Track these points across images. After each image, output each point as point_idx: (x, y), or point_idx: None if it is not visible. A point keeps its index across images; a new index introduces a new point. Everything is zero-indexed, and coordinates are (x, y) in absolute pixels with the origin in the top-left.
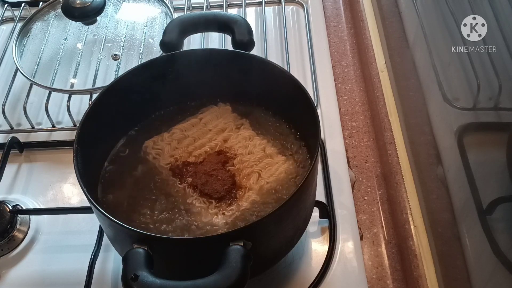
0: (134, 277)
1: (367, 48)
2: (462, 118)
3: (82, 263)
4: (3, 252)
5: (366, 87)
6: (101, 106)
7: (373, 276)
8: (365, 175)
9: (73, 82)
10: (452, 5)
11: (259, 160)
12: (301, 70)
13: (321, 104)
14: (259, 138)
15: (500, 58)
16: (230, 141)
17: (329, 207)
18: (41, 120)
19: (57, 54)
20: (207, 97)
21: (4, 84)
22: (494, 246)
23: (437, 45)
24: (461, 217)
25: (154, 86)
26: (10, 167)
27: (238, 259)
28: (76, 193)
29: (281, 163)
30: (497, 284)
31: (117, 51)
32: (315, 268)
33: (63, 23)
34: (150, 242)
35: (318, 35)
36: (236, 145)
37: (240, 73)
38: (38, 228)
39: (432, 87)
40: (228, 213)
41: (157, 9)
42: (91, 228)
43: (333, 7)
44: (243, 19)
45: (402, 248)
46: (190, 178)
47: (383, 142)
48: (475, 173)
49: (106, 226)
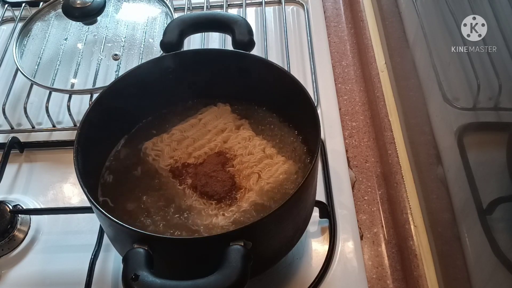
0: (134, 277)
1: (367, 48)
2: (462, 118)
3: (83, 263)
4: (4, 252)
5: (366, 87)
6: (101, 106)
7: (373, 276)
8: (365, 175)
9: (73, 82)
10: (452, 5)
11: (259, 161)
12: (301, 70)
13: (321, 104)
14: (258, 138)
15: (500, 58)
16: (230, 142)
17: (329, 207)
18: (42, 120)
19: (57, 54)
20: (207, 97)
21: (5, 84)
22: (494, 246)
23: (437, 45)
24: (461, 217)
25: (154, 86)
26: (10, 167)
27: (239, 259)
28: (76, 193)
29: (281, 164)
30: (497, 284)
31: (118, 51)
32: (315, 268)
33: (64, 23)
34: (150, 242)
35: (318, 35)
36: (236, 145)
37: (240, 73)
38: (39, 228)
39: (432, 87)
40: (228, 214)
41: (157, 9)
42: (91, 228)
43: (333, 7)
44: (243, 19)
45: (402, 248)
46: (190, 179)
47: (383, 142)
48: (475, 173)
49: (107, 226)
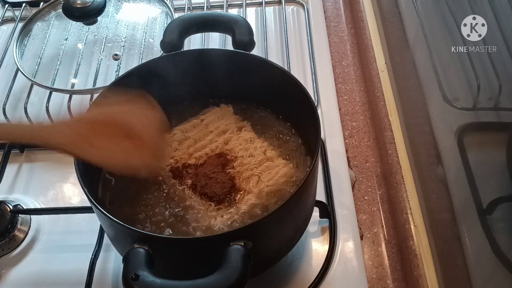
0: (134, 276)
1: (367, 48)
2: (462, 118)
3: (83, 263)
4: (4, 252)
5: (366, 87)
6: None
7: (373, 276)
8: (365, 175)
9: (73, 82)
10: (452, 5)
11: (259, 163)
12: (301, 70)
13: (322, 104)
14: (260, 140)
15: (500, 58)
16: (231, 143)
17: (330, 207)
18: (42, 120)
19: (57, 54)
20: (207, 97)
21: (5, 84)
22: (494, 246)
23: (437, 45)
24: (461, 217)
25: (154, 86)
26: (11, 167)
27: (239, 259)
28: (76, 193)
29: (281, 167)
30: (497, 284)
31: (118, 51)
32: (315, 268)
33: (64, 23)
34: (150, 242)
35: (319, 35)
36: (237, 147)
37: (240, 73)
38: (39, 228)
39: (432, 87)
40: (227, 215)
41: (157, 9)
42: (91, 228)
43: (334, 7)
44: (244, 19)
45: (402, 248)
46: (190, 180)
47: (383, 142)
48: (475, 173)
49: (107, 226)
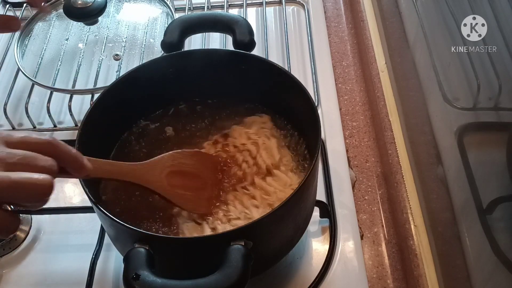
0: (135, 276)
1: (368, 48)
2: (462, 118)
3: (84, 263)
4: (5, 251)
5: (367, 87)
6: (102, 106)
7: (374, 276)
8: (365, 175)
9: (74, 82)
10: (452, 5)
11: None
12: (301, 70)
13: (322, 104)
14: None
15: (500, 58)
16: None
17: (330, 206)
18: (43, 120)
19: (58, 54)
20: (207, 97)
21: (6, 84)
22: (494, 245)
23: (437, 45)
24: (461, 217)
25: (155, 86)
26: None
27: (239, 259)
28: (77, 193)
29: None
30: (497, 284)
31: (119, 51)
32: (315, 268)
33: (65, 23)
34: (151, 242)
35: (319, 35)
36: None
37: (240, 73)
38: (40, 227)
39: (432, 87)
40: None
41: (158, 9)
42: (92, 228)
43: (334, 8)
44: (244, 19)
45: (403, 248)
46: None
47: (383, 142)
48: (475, 173)
49: (108, 225)
